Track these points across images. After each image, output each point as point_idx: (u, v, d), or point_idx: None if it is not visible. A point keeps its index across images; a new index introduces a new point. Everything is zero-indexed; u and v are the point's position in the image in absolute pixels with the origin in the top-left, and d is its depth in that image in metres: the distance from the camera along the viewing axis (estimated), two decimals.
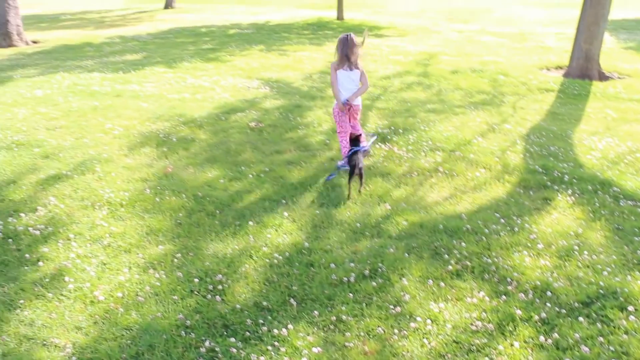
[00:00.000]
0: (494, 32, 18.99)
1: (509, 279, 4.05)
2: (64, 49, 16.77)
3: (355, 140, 5.74)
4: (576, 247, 4.50)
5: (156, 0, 41.09)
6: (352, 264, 4.20)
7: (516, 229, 4.80)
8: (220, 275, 4.06)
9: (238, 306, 3.72)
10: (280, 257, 4.29)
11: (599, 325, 3.55)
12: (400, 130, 7.35)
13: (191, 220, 4.89)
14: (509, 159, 6.47)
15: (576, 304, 3.75)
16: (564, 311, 3.68)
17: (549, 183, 5.80)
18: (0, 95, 9.81)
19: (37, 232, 4.68)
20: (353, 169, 5.30)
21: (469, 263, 4.24)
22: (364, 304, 3.76)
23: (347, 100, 5.97)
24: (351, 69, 5.91)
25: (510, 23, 22.26)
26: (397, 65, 12.49)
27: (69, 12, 35.51)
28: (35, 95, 9.67)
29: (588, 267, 4.23)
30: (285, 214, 5.01)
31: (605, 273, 4.13)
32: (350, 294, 3.86)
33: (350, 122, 6.18)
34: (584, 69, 11.07)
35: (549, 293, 3.87)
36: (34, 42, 18.61)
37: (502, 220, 4.94)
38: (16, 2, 17.26)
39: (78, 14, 32.93)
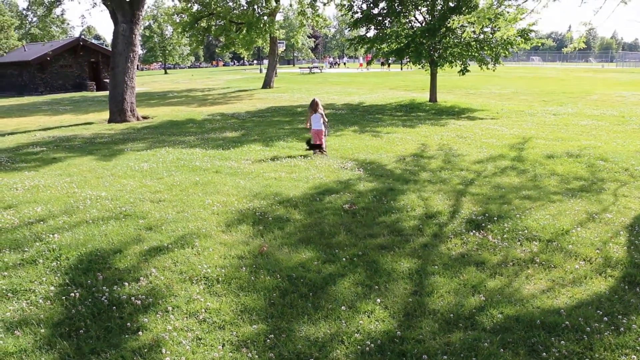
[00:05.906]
0: (592, 115, 18.50)
1: None
2: (169, 125, 17.99)
3: (314, 146, 11.89)
4: None
5: (255, 80, 43.42)
6: (445, 357, 4.09)
7: (622, 329, 4.49)
8: None
9: None
10: (372, 345, 4.24)
11: None
12: (495, 218, 7.19)
13: (284, 301, 4.95)
14: (612, 251, 6.13)
15: None
16: None
17: None
18: (112, 167, 10.63)
19: (139, 302, 4.92)
20: (312, 146, 11.95)
21: None
22: None
23: (317, 128, 11.83)
24: (317, 113, 11.83)
25: (610, 105, 21.61)
26: (490, 148, 12.39)
27: (176, 89, 38.27)
28: (142, 168, 10.38)
29: None
30: (378, 300, 4.96)
31: None
32: None
33: (319, 137, 11.88)
34: None
35: None
36: (144, 117, 20.23)
37: (606, 318, 4.64)
38: (133, 82, 19.01)
39: (184, 92, 35.40)
